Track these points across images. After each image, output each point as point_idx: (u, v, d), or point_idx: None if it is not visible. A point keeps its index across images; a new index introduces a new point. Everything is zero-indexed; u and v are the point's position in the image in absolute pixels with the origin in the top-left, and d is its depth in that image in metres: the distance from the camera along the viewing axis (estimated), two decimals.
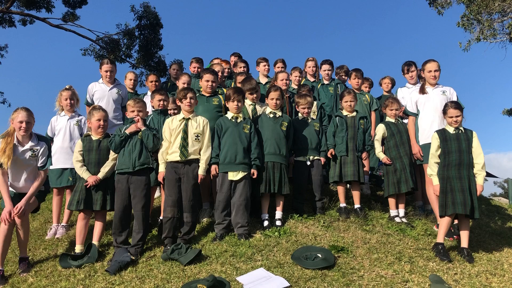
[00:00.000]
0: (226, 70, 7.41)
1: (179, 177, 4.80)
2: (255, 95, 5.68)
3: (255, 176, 5.03)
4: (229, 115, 5.20)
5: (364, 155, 5.77)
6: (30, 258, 4.70)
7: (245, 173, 4.95)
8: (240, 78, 6.23)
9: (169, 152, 4.89)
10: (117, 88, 6.59)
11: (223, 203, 4.91)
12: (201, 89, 5.75)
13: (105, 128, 5.06)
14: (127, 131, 4.81)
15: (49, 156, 4.86)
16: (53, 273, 4.31)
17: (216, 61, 7.64)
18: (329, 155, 5.72)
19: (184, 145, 4.82)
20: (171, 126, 4.94)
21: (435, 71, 5.62)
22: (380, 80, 7.60)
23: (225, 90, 5.70)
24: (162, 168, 4.90)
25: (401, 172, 5.54)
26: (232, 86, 6.29)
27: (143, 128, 4.82)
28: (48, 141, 4.96)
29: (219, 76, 6.19)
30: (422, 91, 5.68)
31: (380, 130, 5.83)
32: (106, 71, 6.50)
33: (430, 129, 5.31)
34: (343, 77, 7.39)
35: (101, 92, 6.47)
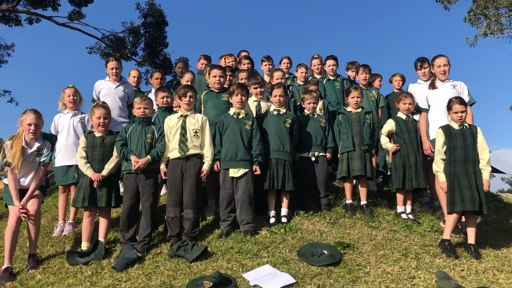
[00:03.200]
0: (231, 63, 7.40)
1: (182, 174, 4.82)
2: (259, 90, 5.66)
3: (257, 173, 5.02)
4: (231, 111, 5.20)
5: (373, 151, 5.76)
6: (38, 255, 4.74)
7: (247, 170, 4.94)
8: (242, 75, 6.22)
9: (169, 149, 4.91)
10: (123, 86, 6.60)
11: (226, 200, 4.92)
12: (210, 85, 5.76)
13: (107, 126, 5.08)
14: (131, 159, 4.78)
15: (51, 151, 4.89)
16: (61, 270, 4.35)
17: (221, 60, 7.64)
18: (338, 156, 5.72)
19: (182, 141, 4.83)
20: (169, 124, 4.96)
21: (444, 65, 5.56)
22: (390, 77, 7.55)
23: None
24: (162, 165, 4.91)
25: (407, 169, 5.52)
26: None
27: (144, 166, 4.75)
28: (53, 139, 5.00)
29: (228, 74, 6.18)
30: (433, 86, 5.64)
31: (387, 126, 5.80)
32: (112, 69, 6.52)
33: (441, 124, 5.26)
34: (354, 72, 7.35)
35: (107, 90, 6.49)
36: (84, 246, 4.80)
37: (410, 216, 5.57)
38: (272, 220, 5.12)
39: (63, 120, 5.74)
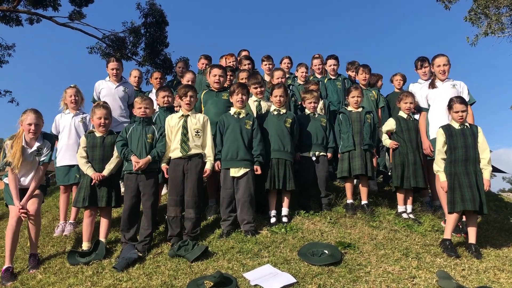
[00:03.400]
0: (232, 63, 7.40)
1: (183, 173, 4.82)
2: (259, 89, 5.66)
3: (258, 172, 5.02)
4: (232, 111, 5.21)
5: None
6: (39, 255, 4.75)
7: (247, 170, 4.94)
8: (242, 75, 6.22)
9: (171, 149, 4.91)
10: (124, 86, 6.60)
11: (227, 199, 4.92)
12: (210, 85, 5.76)
13: (107, 126, 5.08)
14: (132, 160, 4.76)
15: (50, 150, 4.87)
16: (62, 270, 4.35)
17: (222, 60, 7.64)
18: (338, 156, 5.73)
19: (184, 141, 4.84)
20: (171, 124, 4.96)
21: (444, 65, 5.57)
22: (391, 77, 7.55)
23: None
24: (163, 164, 4.91)
25: (405, 168, 5.52)
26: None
27: (145, 166, 4.74)
28: (53, 138, 5.00)
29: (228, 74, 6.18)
30: (432, 85, 5.65)
31: (387, 125, 5.82)
32: (113, 69, 6.51)
33: (440, 124, 5.26)
34: (353, 72, 7.35)
35: (107, 90, 6.49)
36: (85, 246, 4.80)
37: (411, 215, 5.57)
38: (272, 220, 5.12)
39: (64, 120, 5.74)
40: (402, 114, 5.81)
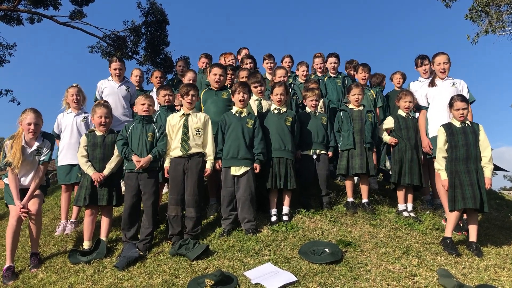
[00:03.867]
0: (231, 61, 7.40)
1: (184, 172, 4.82)
2: (259, 88, 5.66)
3: (257, 171, 5.02)
4: (234, 109, 5.21)
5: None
6: (40, 254, 4.76)
7: (248, 168, 4.94)
8: (242, 74, 6.22)
9: (172, 148, 4.92)
10: (126, 86, 6.60)
11: (228, 198, 4.92)
12: (210, 84, 5.76)
13: (108, 125, 5.09)
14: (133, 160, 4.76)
15: (50, 150, 4.87)
16: (63, 269, 4.37)
17: (221, 58, 7.64)
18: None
19: (185, 139, 4.84)
20: (172, 122, 4.97)
21: (444, 63, 5.58)
22: (391, 75, 7.52)
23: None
24: (166, 163, 4.94)
25: (403, 164, 5.53)
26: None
27: (147, 165, 4.74)
28: (53, 138, 5.00)
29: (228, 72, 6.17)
30: (432, 84, 5.66)
31: (386, 123, 5.84)
32: (115, 69, 6.50)
33: (440, 122, 5.26)
34: (352, 71, 7.36)
35: (110, 89, 6.49)
36: (86, 245, 4.82)
37: (412, 214, 5.58)
38: (273, 218, 5.13)
39: (66, 119, 5.75)
40: (401, 112, 5.81)
